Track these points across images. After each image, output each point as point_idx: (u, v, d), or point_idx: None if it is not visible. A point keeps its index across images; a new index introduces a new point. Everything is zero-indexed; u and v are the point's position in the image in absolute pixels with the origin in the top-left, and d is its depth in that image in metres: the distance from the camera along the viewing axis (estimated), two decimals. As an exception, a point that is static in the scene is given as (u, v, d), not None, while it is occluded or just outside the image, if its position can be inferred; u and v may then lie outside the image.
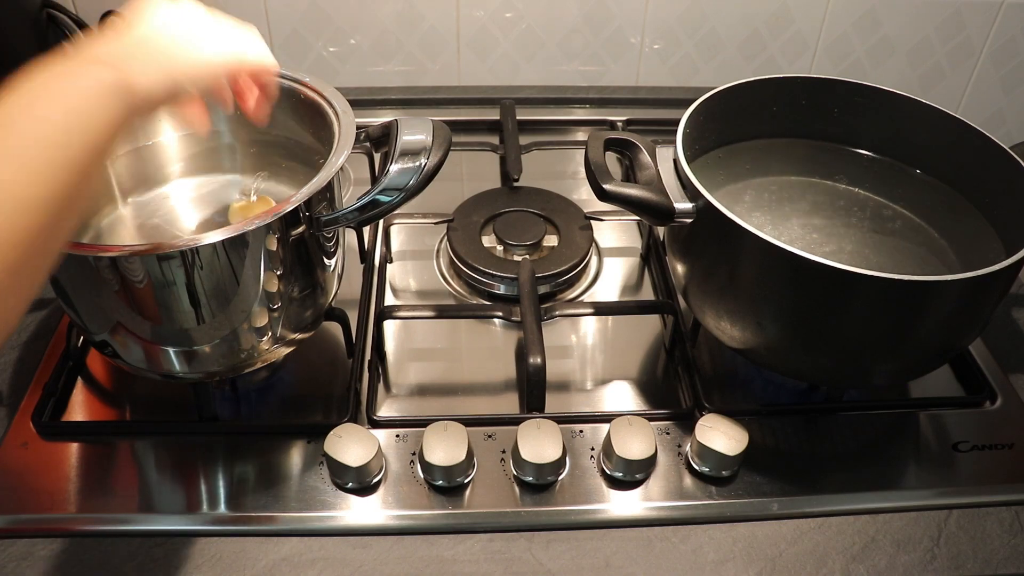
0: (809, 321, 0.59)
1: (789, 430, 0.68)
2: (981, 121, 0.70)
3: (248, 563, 0.58)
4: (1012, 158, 0.65)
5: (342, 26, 1.03)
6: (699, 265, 0.65)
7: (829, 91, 0.74)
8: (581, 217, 0.85)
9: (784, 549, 0.60)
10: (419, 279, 0.82)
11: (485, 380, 0.72)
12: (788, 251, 0.55)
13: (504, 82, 1.09)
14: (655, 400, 0.71)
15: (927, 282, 0.54)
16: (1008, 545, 0.61)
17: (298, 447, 0.65)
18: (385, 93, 1.07)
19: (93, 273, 0.55)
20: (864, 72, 1.08)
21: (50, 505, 0.61)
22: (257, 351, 0.63)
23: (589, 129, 1.02)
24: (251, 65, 0.55)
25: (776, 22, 1.05)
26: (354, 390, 0.68)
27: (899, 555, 0.60)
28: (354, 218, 0.61)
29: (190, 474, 0.63)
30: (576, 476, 0.63)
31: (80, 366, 0.72)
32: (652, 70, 1.09)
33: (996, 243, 0.66)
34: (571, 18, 1.04)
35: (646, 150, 0.67)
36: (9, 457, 0.64)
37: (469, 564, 0.59)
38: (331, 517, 0.61)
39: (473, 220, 0.84)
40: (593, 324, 0.78)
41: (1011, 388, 0.72)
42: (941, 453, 0.67)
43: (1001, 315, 0.80)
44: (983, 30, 1.04)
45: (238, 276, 0.57)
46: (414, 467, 0.63)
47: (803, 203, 0.73)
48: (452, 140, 0.64)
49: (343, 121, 0.64)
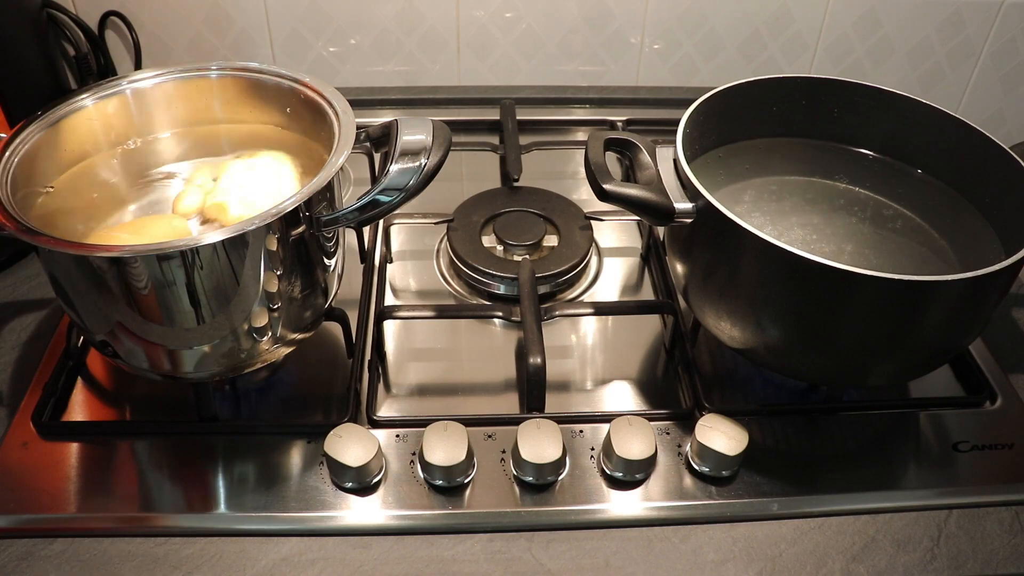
0: (809, 321, 0.59)
1: (789, 430, 0.68)
2: (981, 121, 0.70)
3: (248, 563, 0.58)
4: (1012, 158, 0.65)
5: (342, 26, 1.03)
6: (699, 265, 0.65)
7: (829, 91, 0.74)
8: (581, 217, 0.85)
9: (784, 549, 0.60)
10: (419, 279, 0.82)
11: (485, 380, 0.72)
12: (788, 251, 0.55)
13: (504, 82, 1.09)
14: (655, 400, 0.71)
15: (927, 282, 0.54)
16: (1008, 545, 0.61)
17: (298, 447, 0.65)
18: (385, 93, 1.07)
19: (93, 273, 0.55)
20: (864, 72, 1.08)
21: (50, 505, 0.61)
22: (257, 351, 0.63)
23: (589, 129, 1.02)
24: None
25: (776, 22, 1.05)
26: (354, 390, 0.68)
27: (899, 555, 0.60)
28: (354, 218, 0.61)
29: (190, 474, 0.63)
30: (576, 476, 0.63)
31: (80, 366, 0.72)
32: (652, 70, 1.09)
33: (996, 243, 0.66)
34: (571, 18, 1.04)
35: (646, 150, 0.67)
36: (9, 457, 0.64)
37: (469, 564, 0.59)
38: (331, 517, 0.61)
39: (473, 220, 0.84)
40: (593, 324, 0.78)
41: (1011, 388, 0.72)
42: (941, 453, 0.67)
43: (1001, 315, 0.80)
44: (983, 30, 1.04)
45: (238, 276, 0.57)
46: (414, 467, 0.63)
47: (803, 202, 0.73)
48: (452, 140, 0.64)
49: (343, 121, 0.64)
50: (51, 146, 0.65)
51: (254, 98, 0.72)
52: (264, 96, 0.72)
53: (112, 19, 1.00)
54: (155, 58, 1.04)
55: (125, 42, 1.03)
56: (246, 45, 1.04)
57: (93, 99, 0.68)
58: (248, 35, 1.03)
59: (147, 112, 0.71)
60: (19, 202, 0.59)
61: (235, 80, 0.72)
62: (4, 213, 0.56)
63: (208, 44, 1.03)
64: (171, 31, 1.02)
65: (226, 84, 0.72)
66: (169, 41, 1.03)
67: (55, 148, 0.66)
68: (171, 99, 0.72)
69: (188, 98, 0.72)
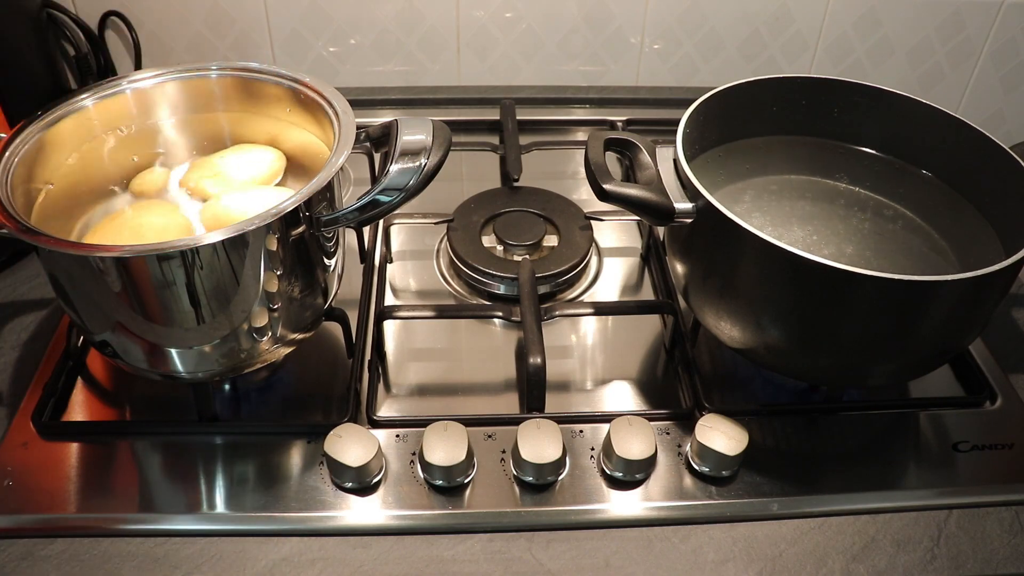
0: (809, 321, 0.59)
1: (789, 430, 0.68)
2: (981, 121, 0.70)
3: (248, 563, 0.58)
4: (1012, 158, 0.65)
5: (342, 26, 1.03)
6: (699, 265, 0.65)
7: (829, 91, 0.74)
8: (581, 217, 0.85)
9: (784, 549, 0.60)
10: (419, 279, 0.82)
11: (485, 380, 0.72)
12: (788, 251, 0.55)
13: (504, 82, 1.09)
14: (655, 400, 0.71)
15: (927, 282, 0.54)
16: (1008, 545, 0.61)
17: (298, 447, 0.65)
18: (385, 93, 1.07)
19: (93, 273, 0.55)
20: (864, 72, 1.08)
21: (50, 505, 0.61)
22: (257, 351, 0.63)
23: (589, 129, 1.02)
24: None
25: (776, 22, 1.05)
26: (354, 390, 0.68)
27: (899, 555, 0.60)
28: (354, 218, 0.61)
29: (190, 474, 0.63)
30: (576, 476, 0.63)
31: (80, 366, 0.72)
32: (652, 70, 1.09)
33: (996, 243, 0.66)
34: (571, 18, 1.04)
35: (646, 150, 0.67)
36: (9, 457, 0.64)
37: (469, 564, 0.59)
38: (331, 517, 0.61)
39: (473, 220, 0.84)
40: (593, 324, 0.78)
41: (1011, 388, 0.72)
42: (941, 453, 0.67)
43: (1001, 315, 0.80)
44: (983, 30, 1.04)
45: (238, 276, 0.57)
46: (414, 467, 0.63)
47: (804, 202, 0.73)
48: (452, 140, 0.64)
49: (343, 121, 0.64)
50: (51, 146, 0.65)
51: (254, 98, 0.72)
52: (264, 96, 0.72)
53: (112, 19, 1.00)
54: (155, 58, 1.04)
55: (125, 42, 1.03)
56: (246, 45, 1.04)
57: (93, 99, 0.68)
58: (248, 35, 1.03)
59: (147, 112, 0.71)
60: (19, 202, 0.59)
61: (235, 80, 0.72)
62: (4, 213, 0.56)
63: (208, 44, 1.03)
64: (171, 31, 1.02)
65: (226, 84, 0.72)
66: (169, 41, 1.03)
67: (55, 148, 0.66)
68: (171, 99, 0.72)
69: (188, 98, 0.72)
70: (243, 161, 0.69)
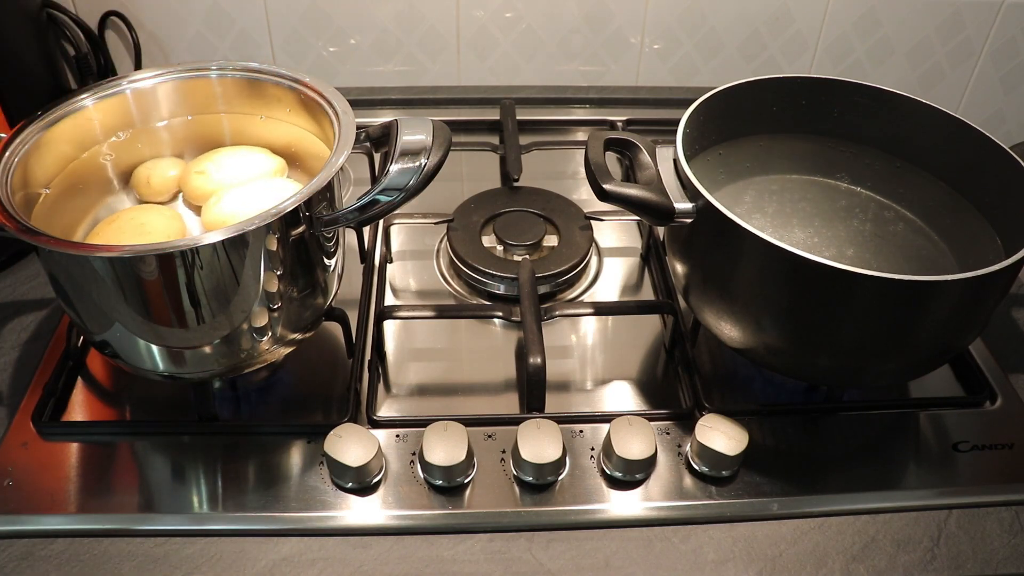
0: (809, 321, 0.59)
1: (789, 430, 0.68)
2: (981, 121, 0.70)
3: (248, 563, 0.58)
4: (1012, 158, 0.65)
5: (342, 26, 1.03)
6: (699, 265, 0.65)
7: (829, 91, 0.74)
8: (581, 217, 0.85)
9: (784, 549, 0.60)
10: (419, 279, 0.82)
11: (485, 380, 0.72)
12: (788, 251, 0.55)
13: (504, 82, 1.09)
14: (655, 400, 0.71)
15: (927, 282, 0.54)
16: (1008, 545, 0.61)
17: (298, 447, 0.65)
18: (385, 93, 1.07)
19: (93, 273, 0.55)
20: (864, 72, 1.08)
21: (50, 505, 0.61)
22: (257, 351, 0.63)
23: (589, 129, 1.02)
24: None
25: (776, 22, 1.05)
26: (354, 390, 0.68)
27: (899, 555, 0.60)
28: (354, 218, 0.61)
29: (190, 474, 0.63)
30: (576, 476, 0.63)
31: (80, 366, 0.72)
32: (652, 70, 1.09)
33: (996, 243, 0.66)
34: (571, 18, 1.04)
35: (646, 150, 0.67)
36: (9, 457, 0.64)
37: (469, 564, 0.59)
38: (331, 517, 0.61)
39: (473, 220, 0.84)
40: (593, 324, 0.78)
41: (1011, 388, 0.72)
42: (941, 453, 0.67)
43: (1001, 315, 0.80)
44: (983, 30, 1.04)
45: (238, 276, 0.57)
46: (414, 467, 0.63)
47: (804, 202, 0.73)
48: (452, 140, 0.64)
49: (343, 121, 0.64)
50: (51, 146, 0.65)
51: (254, 98, 0.72)
52: (264, 96, 0.72)
53: (112, 19, 1.00)
54: (155, 58, 1.04)
55: (125, 42, 1.03)
56: (246, 45, 1.04)
57: (93, 99, 0.68)
58: (248, 35, 1.03)
59: (147, 112, 0.71)
60: (19, 202, 0.59)
61: (235, 80, 0.72)
62: (4, 213, 0.56)
63: (208, 44, 1.03)
64: (171, 31, 1.02)
65: (226, 84, 0.72)
66: (169, 41, 1.03)
67: (55, 148, 0.66)
68: (171, 99, 0.72)
69: (188, 98, 0.72)
70: (243, 161, 0.69)
